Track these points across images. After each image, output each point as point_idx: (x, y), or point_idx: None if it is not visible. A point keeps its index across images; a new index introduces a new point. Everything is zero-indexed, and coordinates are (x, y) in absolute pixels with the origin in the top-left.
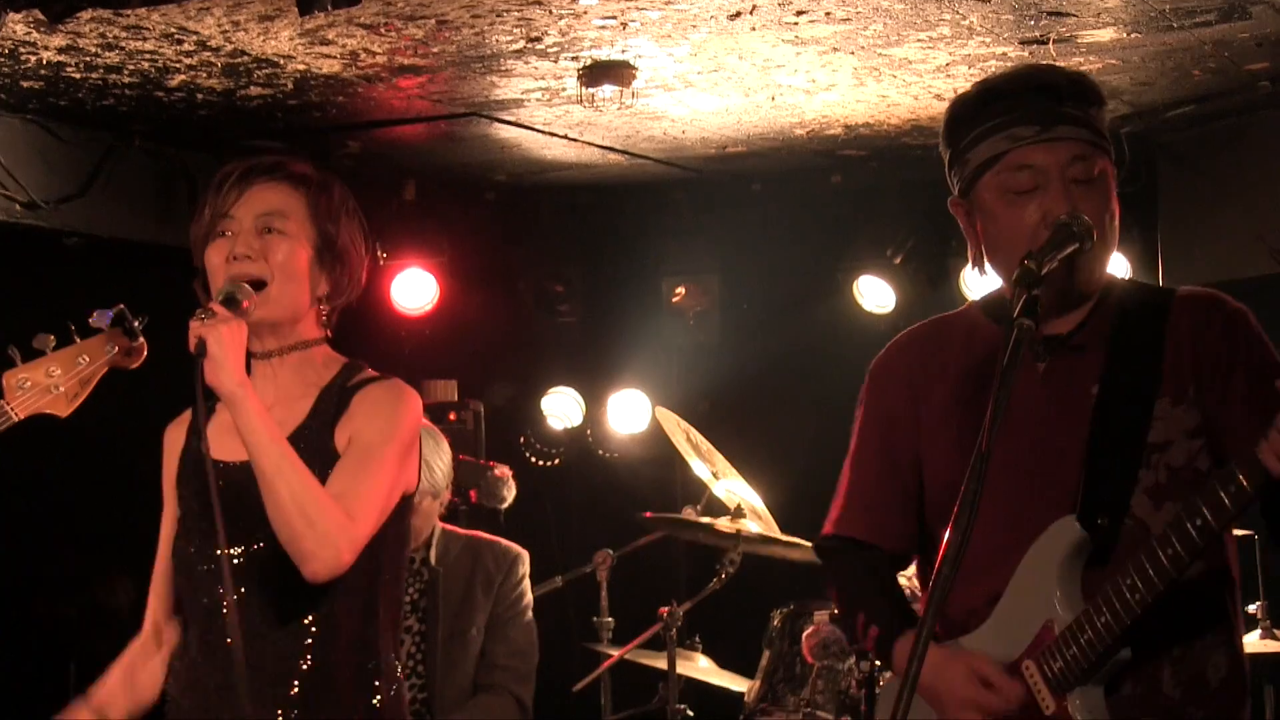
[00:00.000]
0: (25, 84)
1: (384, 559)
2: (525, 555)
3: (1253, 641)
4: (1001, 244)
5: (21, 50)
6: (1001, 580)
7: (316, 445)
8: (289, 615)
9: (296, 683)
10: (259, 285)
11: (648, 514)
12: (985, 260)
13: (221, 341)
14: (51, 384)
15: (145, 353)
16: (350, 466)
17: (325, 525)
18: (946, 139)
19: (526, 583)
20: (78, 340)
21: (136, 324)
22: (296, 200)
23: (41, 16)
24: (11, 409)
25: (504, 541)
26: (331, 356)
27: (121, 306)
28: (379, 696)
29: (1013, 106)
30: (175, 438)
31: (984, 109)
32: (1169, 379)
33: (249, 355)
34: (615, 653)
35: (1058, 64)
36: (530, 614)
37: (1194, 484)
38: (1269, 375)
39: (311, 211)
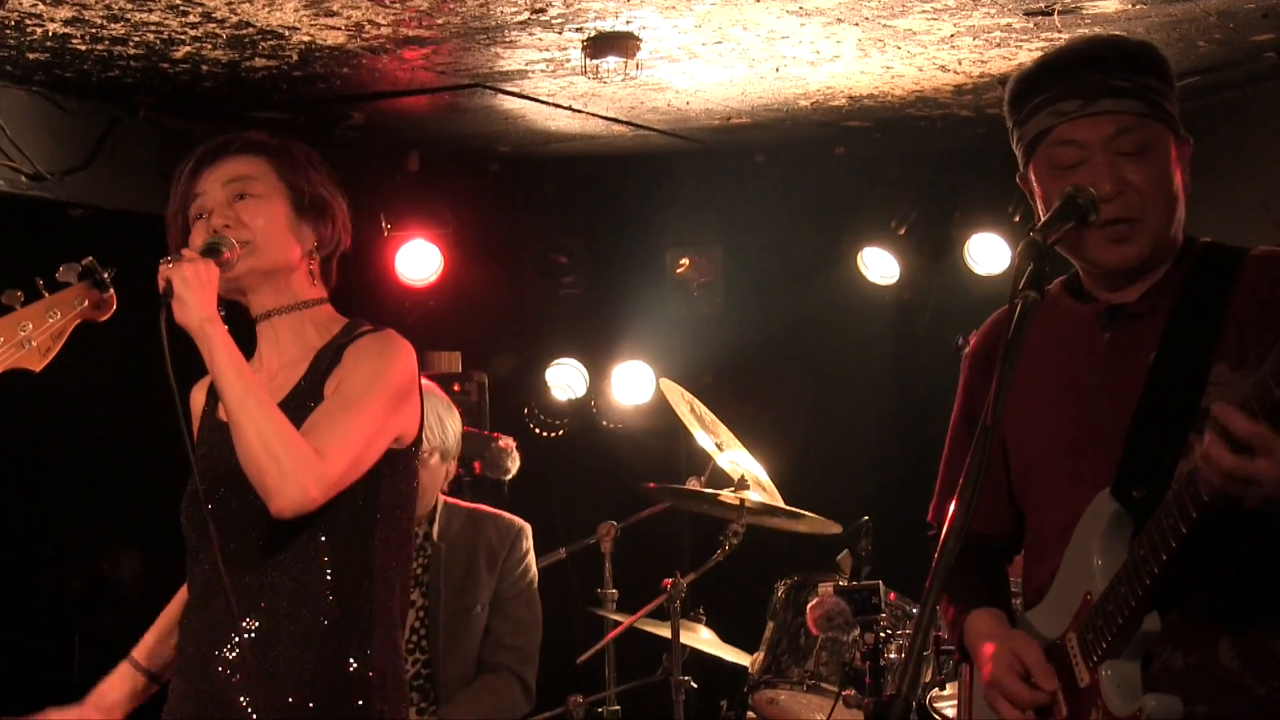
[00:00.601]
0: (31, 56)
1: (380, 510)
2: (528, 528)
3: None
4: None
5: (28, 22)
6: (1061, 556)
7: (310, 402)
8: (275, 569)
9: (265, 628)
10: (248, 244)
11: (651, 485)
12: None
13: (186, 280)
14: (24, 339)
15: (115, 304)
16: (328, 407)
17: (290, 461)
18: (1008, 113)
19: (531, 557)
20: (47, 295)
21: (105, 276)
22: (259, 162)
23: None
24: None
25: (507, 515)
26: (333, 317)
27: (90, 259)
28: (360, 660)
29: (1059, 80)
30: (198, 400)
31: (1036, 84)
32: (1229, 343)
33: (255, 320)
34: (619, 624)
35: (1122, 35)
36: (535, 589)
37: None
38: None
39: (277, 169)
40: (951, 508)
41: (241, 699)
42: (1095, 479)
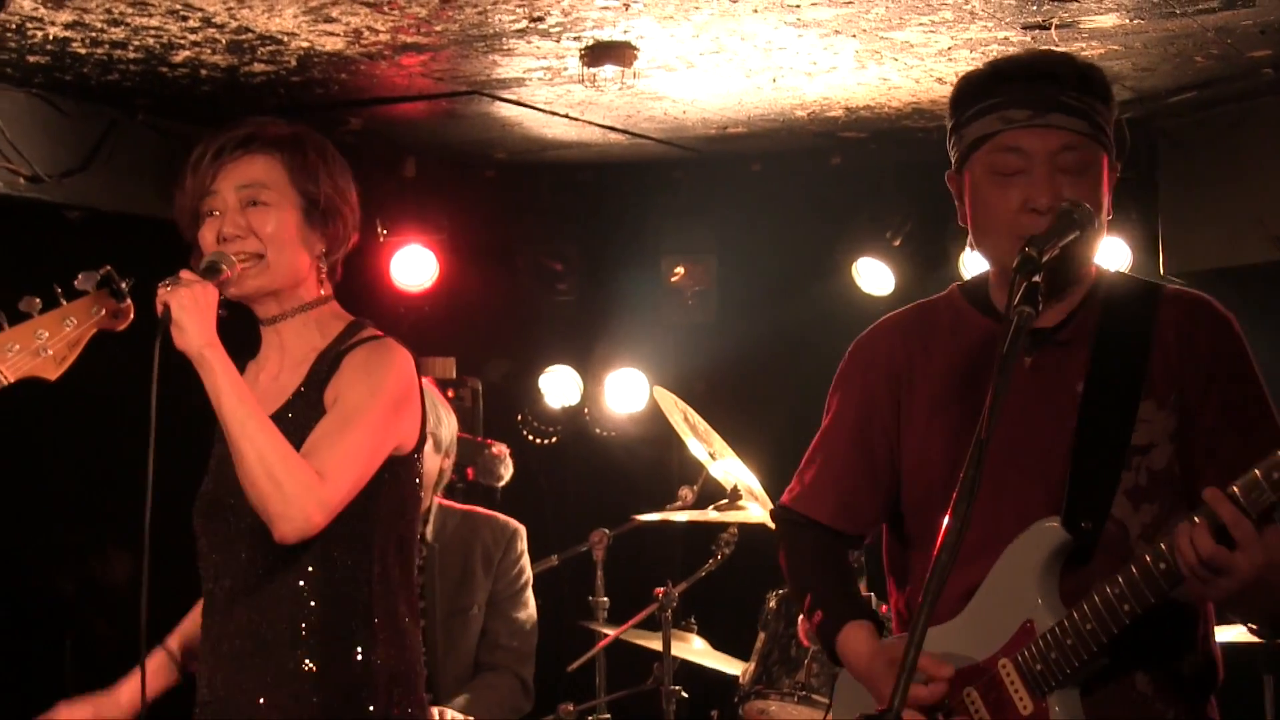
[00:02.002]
0: (31, 58)
1: (379, 518)
2: (523, 530)
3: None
4: (983, 224)
5: (29, 25)
6: (978, 574)
7: (307, 410)
8: (276, 575)
9: (267, 631)
10: (258, 258)
11: (635, 518)
12: (970, 242)
13: (184, 305)
14: (40, 347)
15: (132, 314)
16: (327, 427)
17: (292, 487)
18: (950, 111)
19: (526, 558)
20: (64, 303)
21: (123, 285)
22: (274, 166)
23: None
24: (1, 373)
25: (501, 516)
26: (336, 313)
27: (108, 268)
28: (371, 658)
29: (1012, 89)
30: None
31: (986, 87)
32: (1154, 381)
33: (260, 323)
34: (610, 633)
35: (1072, 54)
36: (530, 590)
37: (1170, 487)
38: (1247, 392)
39: (290, 174)
40: (945, 520)
41: (260, 699)
42: (1021, 502)
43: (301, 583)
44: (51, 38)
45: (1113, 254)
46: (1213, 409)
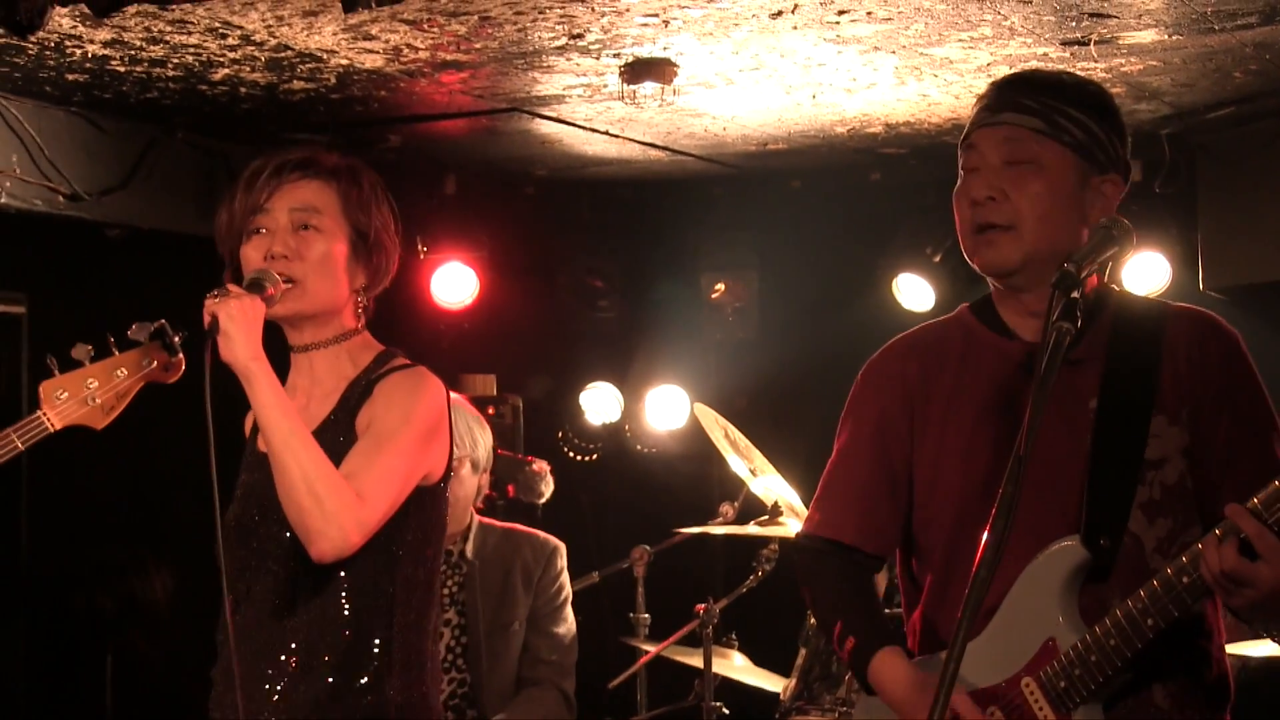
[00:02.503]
0: (70, 77)
1: (404, 546)
2: (562, 547)
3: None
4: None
5: (68, 44)
6: (997, 594)
7: (340, 436)
8: (302, 602)
9: (287, 657)
10: (296, 283)
11: (677, 531)
12: None
13: (233, 316)
14: (89, 396)
15: (184, 368)
16: (364, 449)
17: (333, 504)
18: None
19: (565, 575)
20: (116, 352)
21: (176, 339)
22: (329, 195)
23: (87, 10)
24: (49, 419)
25: (540, 534)
26: (368, 344)
27: (163, 322)
28: (386, 688)
29: (985, 95)
30: (250, 425)
31: (978, 101)
32: (1166, 397)
33: (291, 349)
34: (651, 649)
35: (1073, 73)
36: (569, 606)
37: (1182, 501)
38: (1258, 408)
39: (344, 205)
40: (984, 537)
41: None
42: (1040, 521)
43: (324, 609)
44: (90, 56)
45: (1153, 269)
46: (1226, 425)
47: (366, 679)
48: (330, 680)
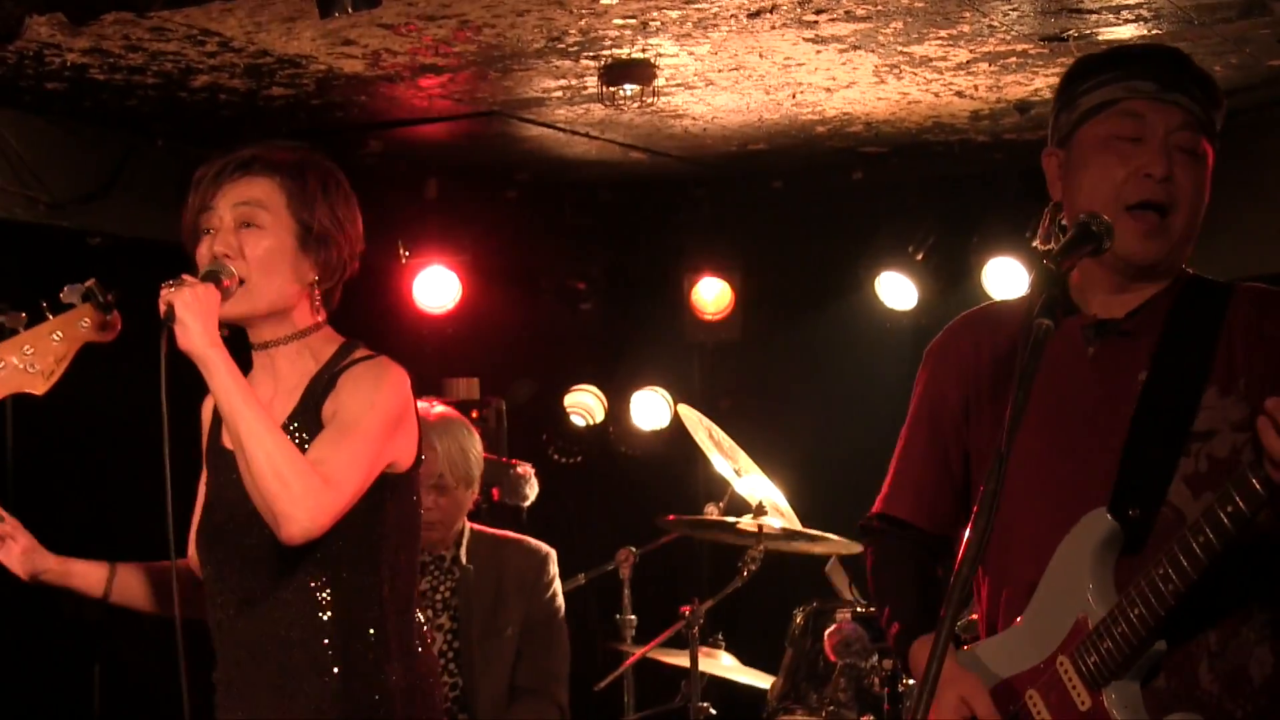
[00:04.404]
0: (49, 85)
1: (384, 537)
2: (554, 554)
3: None
4: (1084, 192)
5: (46, 52)
6: (1039, 572)
7: (305, 432)
8: (287, 598)
9: (284, 655)
10: (240, 283)
11: (670, 516)
12: (1063, 216)
13: (188, 304)
14: (27, 363)
15: (119, 326)
16: (328, 436)
17: (300, 488)
18: (1062, 88)
19: (557, 582)
20: (50, 317)
21: (109, 298)
22: (274, 190)
23: (65, 19)
24: None
25: (532, 541)
26: (330, 338)
27: (93, 281)
28: (388, 676)
29: (1136, 62)
30: (207, 415)
31: (1109, 63)
32: (1219, 369)
33: (251, 347)
34: (638, 651)
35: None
36: (562, 614)
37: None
38: None
39: (288, 200)
40: (967, 533)
41: None
42: (1077, 495)
43: (313, 604)
44: (69, 64)
45: None
46: None
47: (367, 670)
48: (335, 671)
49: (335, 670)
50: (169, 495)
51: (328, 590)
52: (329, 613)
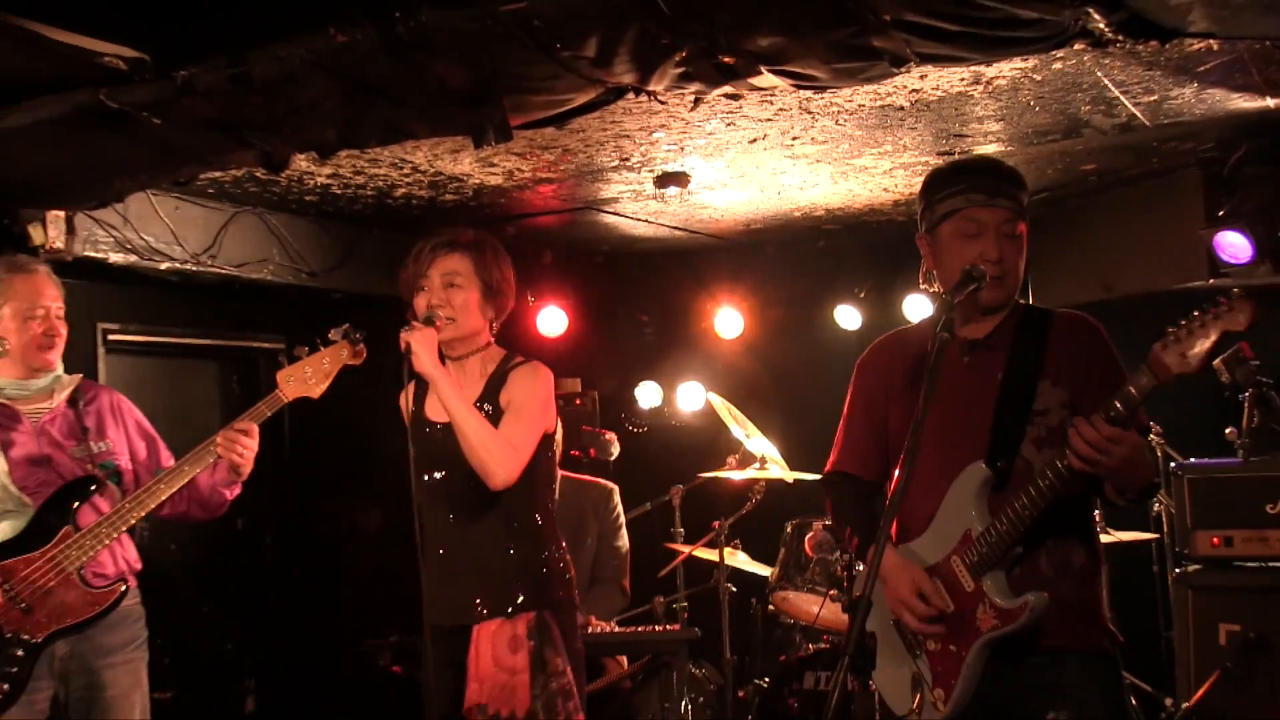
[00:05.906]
0: (307, 197)
1: (539, 475)
2: (616, 489)
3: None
4: (949, 269)
5: (304, 177)
6: (936, 503)
7: (489, 409)
8: (482, 526)
9: (486, 551)
10: (450, 320)
11: (700, 475)
12: (936, 279)
13: (419, 341)
14: (307, 377)
15: (365, 355)
16: (510, 418)
17: (500, 452)
18: (923, 193)
19: (620, 508)
20: (322, 348)
21: (359, 335)
22: (466, 262)
23: (316, 155)
24: (283, 393)
25: (602, 480)
26: (497, 350)
27: (348, 325)
28: (550, 565)
29: (972, 179)
30: (405, 403)
31: (953, 177)
32: (1049, 367)
33: (444, 358)
34: (685, 550)
35: (1000, 159)
36: (624, 529)
37: (1061, 437)
38: (1110, 376)
39: (476, 268)
40: (891, 487)
41: (476, 600)
42: (962, 453)
43: (499, 527)
44: (318, 184)
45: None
46: (1094, 387)
47: (535, 559)
48: (514, 565)
49: (516, 564)
50: (411, 464)
51: (510, 518)
52: (510, 531)
